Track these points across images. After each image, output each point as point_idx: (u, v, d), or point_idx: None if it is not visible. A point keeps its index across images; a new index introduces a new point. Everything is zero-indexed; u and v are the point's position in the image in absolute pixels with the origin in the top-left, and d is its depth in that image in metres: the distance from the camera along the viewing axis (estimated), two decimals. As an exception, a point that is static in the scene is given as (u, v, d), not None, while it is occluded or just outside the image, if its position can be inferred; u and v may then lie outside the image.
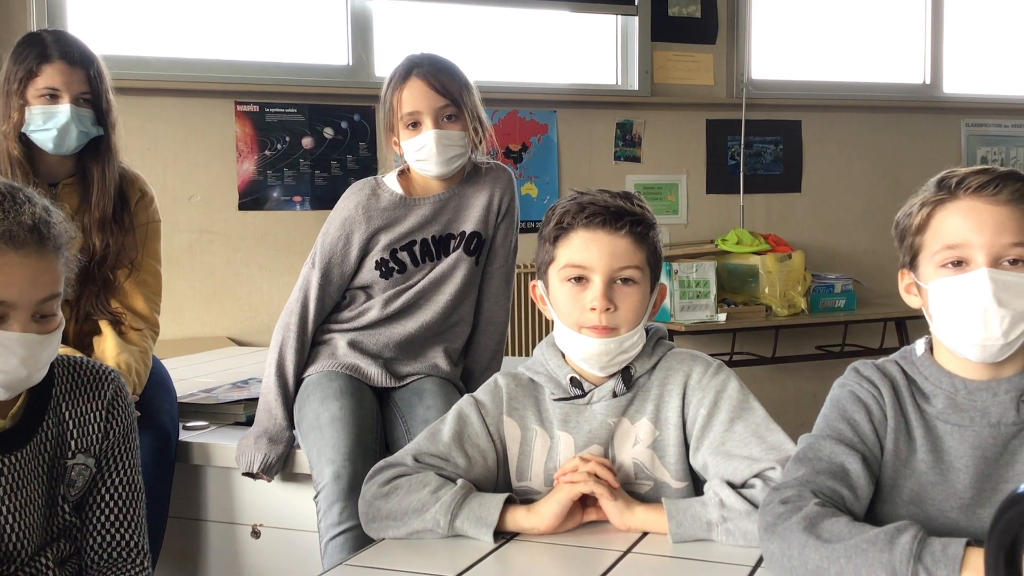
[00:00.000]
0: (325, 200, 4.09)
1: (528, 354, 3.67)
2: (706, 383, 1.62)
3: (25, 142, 2.21)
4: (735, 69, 4.78)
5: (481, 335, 2.34)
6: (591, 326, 1.59)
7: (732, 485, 1.50)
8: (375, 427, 2.09)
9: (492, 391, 1.70)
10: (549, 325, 1.70)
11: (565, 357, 1.66)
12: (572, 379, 1.65)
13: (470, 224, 2.23)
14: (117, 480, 1.64)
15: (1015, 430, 1.36)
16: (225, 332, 4.02)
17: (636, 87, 4.64)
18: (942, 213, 1.37)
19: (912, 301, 1.45)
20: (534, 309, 4.39)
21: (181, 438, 2.25)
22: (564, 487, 1.53)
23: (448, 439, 1.64)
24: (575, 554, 1.48)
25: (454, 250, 2.23)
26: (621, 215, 1.60)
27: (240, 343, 3.92)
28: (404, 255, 2.20)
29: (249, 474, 2.09)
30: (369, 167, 4.16)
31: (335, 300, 2.23)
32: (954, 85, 5.26)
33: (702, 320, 4.22)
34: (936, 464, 1.39)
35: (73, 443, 1.60)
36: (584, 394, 1.64)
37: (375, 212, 2.17)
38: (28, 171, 2.20)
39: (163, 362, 2.44)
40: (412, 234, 2.19)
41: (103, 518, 1.63)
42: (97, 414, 1.62)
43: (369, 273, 2.20)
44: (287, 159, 4.12)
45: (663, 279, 1.69)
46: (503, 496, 1.53)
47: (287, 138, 4.12)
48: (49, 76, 2.18)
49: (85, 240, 2.21)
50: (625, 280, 1.60)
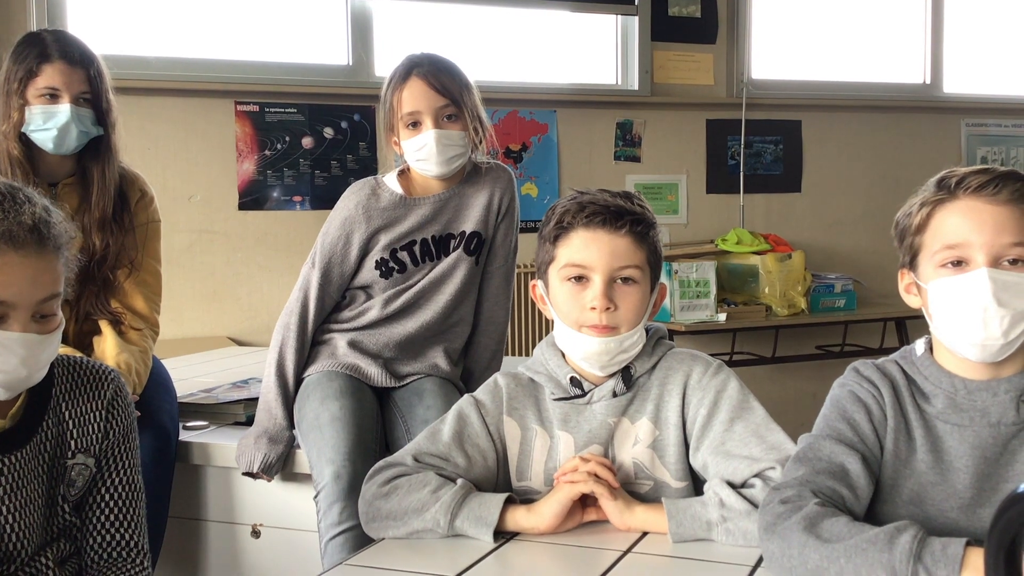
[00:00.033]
0: (325, 200, 4.09)
1: (528, 354, 3.67)
2: (706, 383, 1.62)
3: (25, 142, 2.21)
4: (735, 69, 4.78)
5: (481, 335, 2.34)
6: (591, 325, 1.59)
7: (732, 485, 1.50)
8: (375, 427, 2.09)
9: (492, 391, 1.70)
10: (549, 325, 1.69)
11: (565, 357, 1.67)
12: (572, 379, 1.65)
13: (470, 224, 2.23)
14: (117, 480, 1.64)
15: (1015, 430, 1.36)
16: (225, 332, 4.02)
17: (636, 87, 4.64)
18: (942, 213, 1.37)
19: (912, 301, 1.45)
20: (534, 309, 4.39)
21: (181, 438, 2.25)
22: (564, 487, 1.53)
23: (448, 439, 1.64)
24: (575, 554, 1.48)
25: (454, 250, 2.23)
26: (621, 215, 1.60)
27: (240, 343, 3.92)
28: (404, 255, 2.20)
29: (249, 474, 2.09)
30: (369, 167, 4.15)
31: (335, 300, 2.23)
32: (954, 85, 5.26)
33: (702, 320, 4.22)
34: (936, 464, 1.39)
35: (73, 443, 1.60)
36: (584, 394, 1.64)
37: (375, 212, 2.17)
38: (28, 171, 2.20)
39: (163, 362, 2.44)
40: (412, 234, 2.19)
41: (103, 518, 1.63)
42: (97, 414, 1.62)
43: (369, 273, 2.20)
44: (287, 159, 4.12)
45: (663, 279, 1.69)
46: (503, 496, 1.53)
47: (287, 138, 4.12)
48: (49, 76, 2.18)
49: (85, 240, 2.21)
50: (625, 280, 1.60)
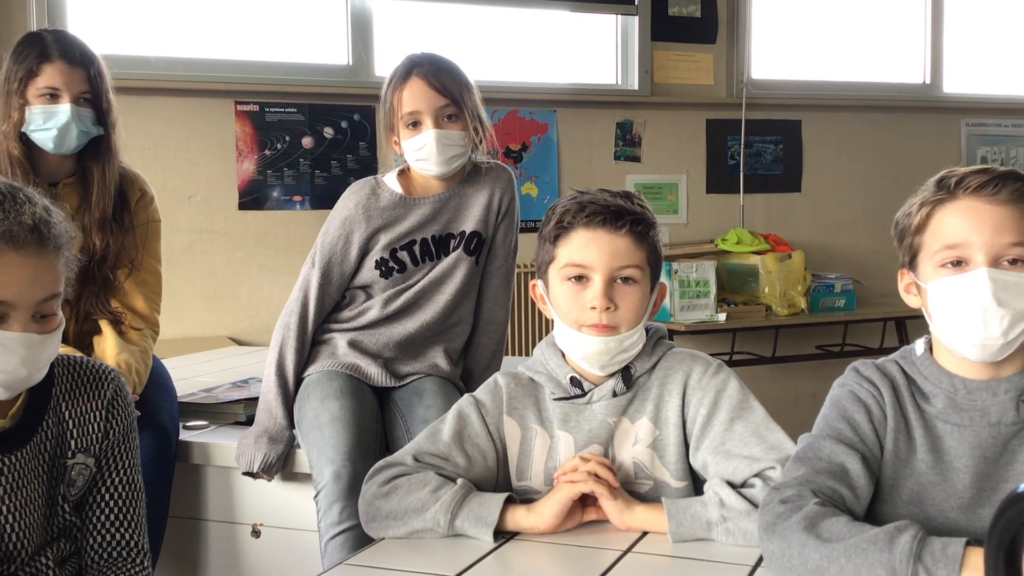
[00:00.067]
0: (325, 200, 4.09)
1: (528, 354, 3.67)
2: (706, 383, 1.62)
3: (25, 142, 2.21)
4: (735, 69, 4.78)
5: (481, 335, 2.34)
6: (591, 325, 1.59)
7: (732, 485, 1.50)
8: (375, 427, 2.09)
9: (492, 391, 1.70)
10: (549, 325, 1.70)
11: (565, 357, 1.67)
12: (572, 378, 1.65)
13: (470, 224, 2.23)
14: (117, 480, 1.64)
15: (1015, 430, 1.36)
16: (225, 332, 4.02)
17: (636, 87, 4.64)
18: (941, 213, 1.37)
19: (912, 301, 1.46)
20: (534, 309, 4.39)
21: (181, 437, 2.25)
22: (564, 487, 1.53)
23: (448, 439, 1.64)
24: (575, 554, 1.48)
25: (454, 250, 2.23)
26: (621, 214, 1.60)
27: (240, 343, 3.92)
28: (404, 255, 2.20)
29: (249, 473, 2.09)
30: (369, 167, 4.15)
31: (335, 300, 2.23)
32: (954, 85, 5.26)
33: (702, 320, 4.22)
34: (936, 464, 1.39)
35: (73, 443, 1.60)
36: (584, 393, 1.64)
37: (375, 212, 2.17)
38: (28, 171, 2.20)
39: (163, 361, 2.44)
40: (412, 234, 2.19)
41: (103, 518, 1.63)
42: (97, 414, 1.62)
43: (369, 273, 2.20)
44: (287, 159, 4.12)
45: (663, 279, 1.69)
46: (503, 496, 1.53)
47: (287, 138, 4.12)
48: (49, 76, 2.18)
49: (85, 240, 2.21)
50: (625, 279, 1.60)
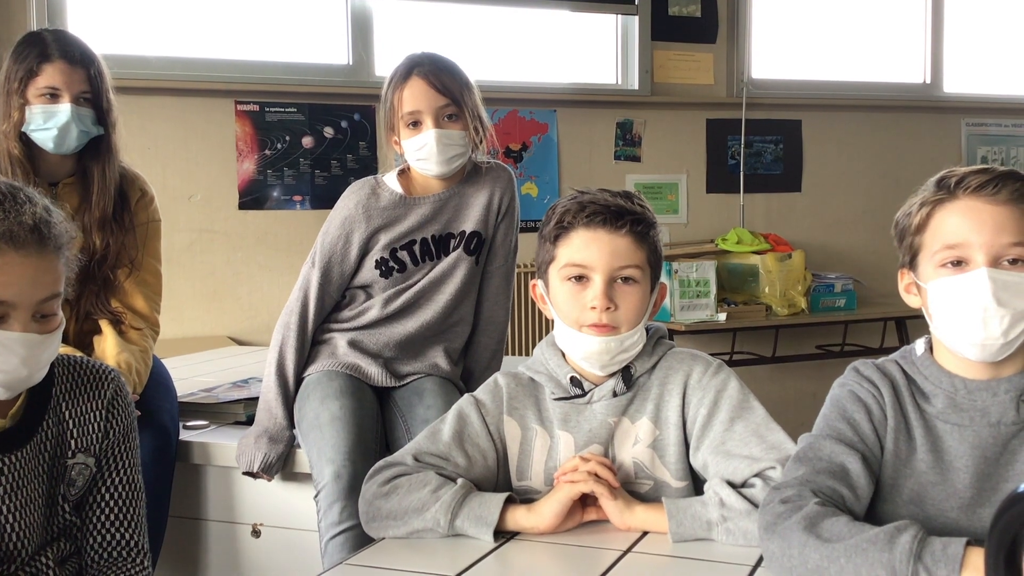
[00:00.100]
0: (325, 199, 4.09)
1: (528, 354, 3.67)
2: (706, 383, 1.62)
3: (25, 141, 2.21)
4: (735, 68, 4.78)
5: (481, 335, 2.34)
6: (591, 325, 1.59)
7: (732, 484, 1.50)
8: (375, 426, 2.09)
9: (492, 390, 1.70)
10: (549, 325, 1.69)
11: (565, 356, 1.66)
12: (572, 378, 1.65)
13: (470, 223, 2.23)
14: (117, 479, 1.64)
15: (1015, 430, 1.36)
16: (225, 331, 4.02)
17: (636, 86, 4.64)
18: (941, 213, 1.37)
19: (912, 301, 1.46)
20: (534, 309, 4.39)
21: (181, 437, 2.25)
22: (564, 486, 1.53)
23: (448, 439, 1.64)
24: (575, 553, 1.48)
25: (454, 249, 2.23)
26: (621, 214, 1.60)
27: (240, 342, 3.92)
28: (404, 254, 2.20)
29: (249, 473, 2.09)
30: (369, 166, 4.16)
31: (335, 299, 2.23)
32: (954, 84, 5.26)
33: (702, 320, 4.22)
34: (936, 464, 1.39)
35: (73, 442, 1.60)
36: (584, 393, 1.64)
37: (375, 211, 2.17)
38: (28, 170, 2.20)
39: (163, 361, 2.44)
40: (412, 233, 2.19)
41: (103, 517, 1.63)
42: (97, 413, 1.62)
43: (369, 272, 2.20)
44: (287, 158, 4.12)
45: (663, 278, 1.69)
46: (503, 495, 1.53)
47: (287, 137, 4.12)
48: (50, 75, 2.18)
49: (85, 239, 2.21)
50: (625, 279, 1.60)
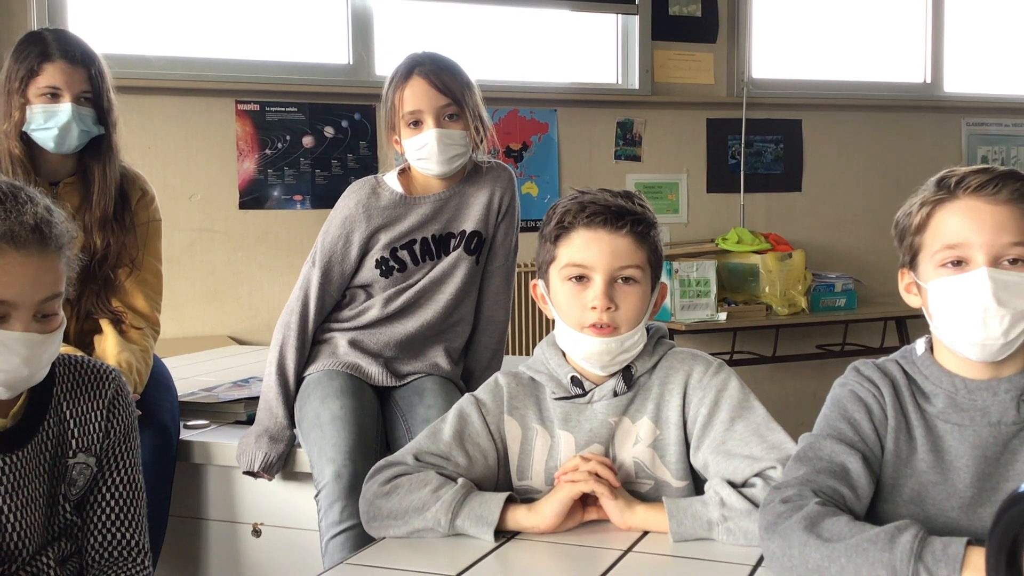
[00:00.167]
0: (325, 199, 4.09)
1: (528, 353, 3.67)
2: (707, 382, 1.62)
3: (26, 141, 2.21)
4: (735, 68, 4.78)
5: (481, 334, 2.34)
6: (592, 325, 1.59)
7: (733, 484, 1.50)
8: (376, 426, 2.09)
9: (493, 390, 1.70)
10: (549, 324, 1.70)
11: (566, 356, 1.67)
12: (573, 378, 1.65)
13: (470, 223, 2.23)
14: (118, 479, 1.64)
15: (1015, 429, 1.36)
16: (226, 331, 4.02)
17: (636, 86, 4.64)
18: (942, 213, 1.37)
19: (912, 300, 1.46)
20: (534, 309, 4.39)
21: (182, 437, 2.25)
22: (565, 486, 1.53)
23: (449, 438, 1.64)
24: (576, 553, 1.48)
25: (454, 249, 2.23)
26: (622, 214, 1.60)
27: (241, 342, 3.92)
28: (404, 254, 2.20)
29: (250, 473, 2.09)
30: (370, 166, 4.16)
31: (335, 299, 2.23)
32: (955, 84, 5.26)
33: (702, 319, 4.22)
34: (936, 463, 1.39)
35: (74, 442, 1.60)
36: (585, 393, 1.64)
37: (375, 211, 2.17)
38: (29, 170, 2.20)
39: (164, 361, 2.44)
40: (412, 233, 2.19)
41: (104, 517, 1.63)
42: (98, 413, 1.62)
43: (369, 272, 2.20)
44: (287, 158, 4.12)
45: (664, 278, 1.69)
46: (504, 495, 1.53)
47: (287, 137, 4.12)
48: (50, 75, 2.18)
49: (86, 239, 2.21)
50: (626, 279, 1.60)
